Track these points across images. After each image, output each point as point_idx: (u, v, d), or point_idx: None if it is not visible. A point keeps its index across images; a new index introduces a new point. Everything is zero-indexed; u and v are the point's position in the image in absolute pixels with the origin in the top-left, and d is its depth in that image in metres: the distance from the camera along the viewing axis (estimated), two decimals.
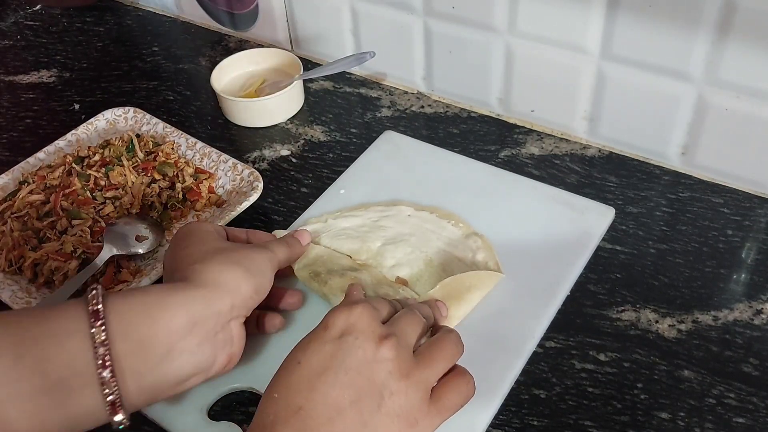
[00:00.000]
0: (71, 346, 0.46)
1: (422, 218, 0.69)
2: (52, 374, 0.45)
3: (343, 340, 0.46)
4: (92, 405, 0.46)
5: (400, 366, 0.47)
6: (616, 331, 0.62)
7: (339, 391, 0.45)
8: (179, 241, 0.58)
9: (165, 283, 0.56)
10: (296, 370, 0.46)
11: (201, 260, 0.54)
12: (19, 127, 0.90)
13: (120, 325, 0.47)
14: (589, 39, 0.72)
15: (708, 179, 0.74)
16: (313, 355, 0.46)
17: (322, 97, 0.90)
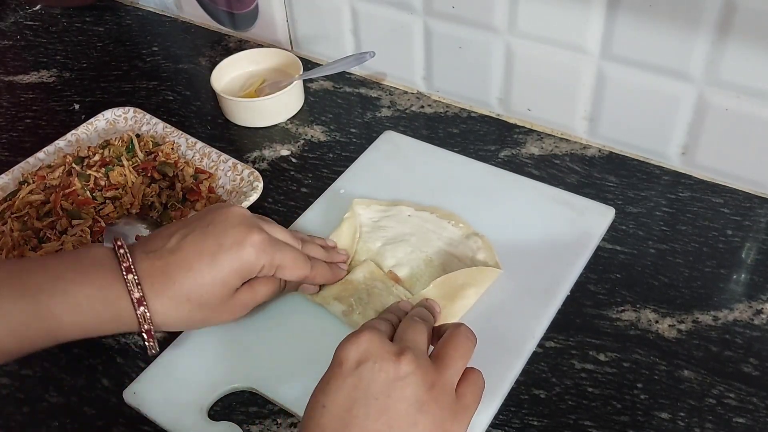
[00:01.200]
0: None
1: (422, 218, 0.69)
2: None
3: (361, 369, 0.46)
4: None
5: (425, 376, 0.46)
6: (616, 331, 0.62)
7: (374, 421, 0.44)
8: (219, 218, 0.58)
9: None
10: (324, 414, 0.45)
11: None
12: (19, 127, 0.90)
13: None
14: (589, 39, 0.72)
15: (708, 179, 0.74)
16: (336, 394, 0.45)
17: (322, 97, 0.90)
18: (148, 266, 0.54)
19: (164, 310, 0.54)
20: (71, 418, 0.60)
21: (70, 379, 0.63)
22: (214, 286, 0.55)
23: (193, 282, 0.55)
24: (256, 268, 0.57)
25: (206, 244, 0.55)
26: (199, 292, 0.55)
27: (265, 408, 0.59)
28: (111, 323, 0.54)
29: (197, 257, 0.55)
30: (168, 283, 0.54)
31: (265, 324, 0.64)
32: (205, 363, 0.61)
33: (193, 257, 0.55)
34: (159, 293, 0.54)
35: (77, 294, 0.52)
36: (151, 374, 0.61)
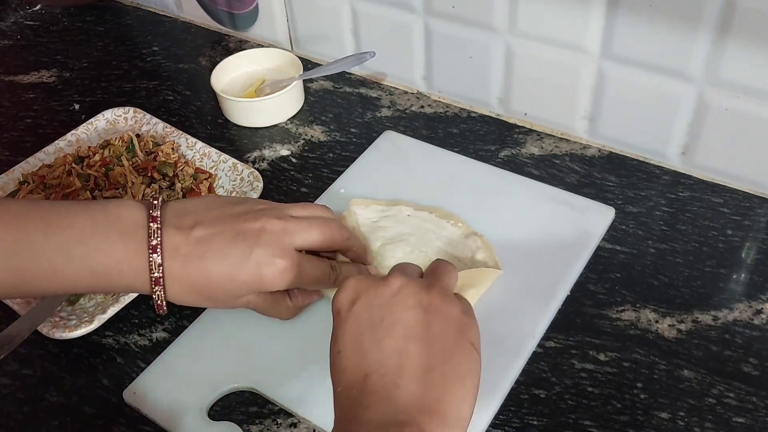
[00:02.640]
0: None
1: (422, 218, 0.69)
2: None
3: (356, 306, 0.47)
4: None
5: (419, 283, 0.47)
6: (615, 331, 0.62)
7: (387, 338, 0.45)
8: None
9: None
10: (342, 358, 0.46)
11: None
12: (19, 127, 0.90)
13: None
14: (589, 39, 0.72)
15: (708, 179, 0.74)
16: (345, 337, 0.46)
17: (322, 97, 0.90)
18: (172, 246, 0.55)
19: (175, 292, 0.56)
20: (71, 418, 0.60)
21: (70, 379, 0.63)
22: (225, 292, 0.56)
23: (207, 283, 0.55)
24: (274, 288, 0.57)
25: (230, 255, 0.55)
26: (209, 291, 0.56)
27: (265, 408, 0.59)
28: (127, 288, 0.56)
29: (217, 265, 0.55)
30: (184, 273, 0.55)
31: (265, 324, 0.64)
32: (205, 363, 0.61)
33: (213, 264, 0.55)
34: (175, 277, 0.55)
35: (95, 264, 0.54)
36: (151, 374, 0.61)
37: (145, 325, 0.66)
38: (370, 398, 0.43)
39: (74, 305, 0.66)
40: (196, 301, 0.57)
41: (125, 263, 0.54)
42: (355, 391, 0.44)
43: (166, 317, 0.66)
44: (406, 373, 0.43)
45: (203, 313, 0.65)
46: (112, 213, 0.55)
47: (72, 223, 0.54)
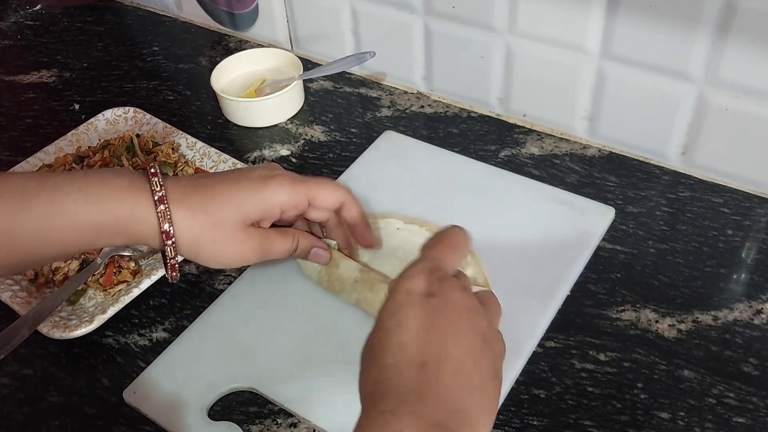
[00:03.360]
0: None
1: (412, 231, 0.68)
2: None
3: (435, 299, 0.47)
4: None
5: (483, 315, 0.48)
6: (616, 331, 0.62)
7: (453, 345, 0.45)
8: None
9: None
10: (402, 332, 0.45)
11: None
12: (19, 127, 0.90)
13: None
14: (589, 39, 0.72)
15: (708, 179, 0.74)
16: (410, 317, 0.46)
17: (322, 97, 0.90)
18: (174, 180, 0.57)
19: (181, 217, 0.55)
20: (71, 418, 0.60)
21: (70, 379, 0.63)
22: (232, 206, 0.57)
23: (213, 198, 0.56)
24: (276, 200, 0.58)
25: (232, 174, 0.59)
26: (216, 207, 0.56)
27: (265, 408, 0.59)
28: (127, 223, 0.55)
29: (220, 181, 0.58)
30: (189, 194, 0.56)
31: (264, 324, 0.64)
32: (205, 363, 0.61)
33: (216, 182, 0.58)
34: (179, 200, 0.55)
35: (91, 192, 0.54)
36: (151, 374, 0.61)
37: (145, 325, 0.66)
38: (424, 389, 0.43)
39: (74, 305, 0.66)
40: (202, 229, 0.56)
41: (127, 191, 0.54)
42: (409, 373, 0.44)
43: (166, 317, 0.66)
44: (459, 381, 0.44)
45: (203, 313, 0.65)
46: (110, 170, 0.58)
47: (80, 183, 0.55)
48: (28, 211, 0.52)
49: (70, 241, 0.54)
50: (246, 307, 0.65)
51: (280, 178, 0.59)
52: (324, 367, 0.60)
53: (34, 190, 0.52)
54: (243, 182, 0.58)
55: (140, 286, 0.65)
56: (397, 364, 0.44)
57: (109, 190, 0.54)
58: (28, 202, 0.52)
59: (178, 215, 0.55)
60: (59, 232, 0.53)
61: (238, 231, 0.57)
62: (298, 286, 0.66)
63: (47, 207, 0.52)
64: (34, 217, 0.52)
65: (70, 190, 0.53)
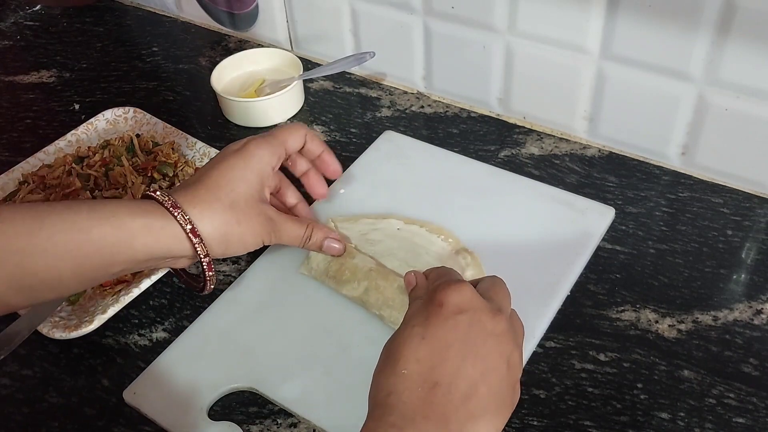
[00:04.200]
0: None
1: (412, 232, 0.69)
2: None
3: (462, 316, 0.47)
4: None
5: (511, 338, 0.48)
6: (615, 331, 0.62)
7: (470, 365, 0.45)
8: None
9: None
10: (422, 345, 0.46)
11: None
12: (19, 127, 0.90)
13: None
14: (589, 39, 0.72)
15: (708, 179, 0.74)
16: (436, 330, 0.47)
17: (322, 97, 0.90)
18: (175, 191, 0.57)
19: (198, 213, 0.56)
20: (71, 419, 0.60)
21: (70, 380, 0.63)
22: (235, 183, 0.58)
23: (217, 183, 0.58)
24: (264, 159, 0.60)
25: (214, 161, 0.60)
26: (223, 191, 0.57)
27: (265, 408, 0.59)
28: (144, 234, 0.54)
29: (210, 170, 0.59)
30: (194, 191, 0.57)
31: (264, 324, 0.64)
32: (205, 363, 0.61)
33: (206, 172, 0.59)
34: (189, 201, 0.56)
35: (104, 208, 0.54)
36: (151, 374, 0.61)
37: (145, 325, 0.66)
38: (430, 409, 0.44)
39: (74, 305, 0.66)
40: (222, 216, 0.57)
41: (139, 208, 0.55)
42: (420, 390, 0.44)
43: (166, 317, 0.66)
44: (468, 405, 0.44)
45: (203, 313, 0.65)
46: (121, 204, 0.57)
47: (92, 206, 0.55)
48: (41, 229, 0.51)
49: (85, 259, 0.53)
50: (246, 307, 0.65)
51: (253, 141, 0.61)
52: (324, 367, 0.60)
53: (46, 211, 0.53)
54: (229, 161, 0.59)
55: (140, 286, 0.65)
56: (411, 377, 0.45)
57: (119, 207, 0.54)
58: (41, 221, 0.52)
59: (194, 212, 0.56)
60: (73, 249, 0.52)
61: (253, 206, 0.59)
62: (298, 287, 0.66)
63: (59, 224, 0.52)
64: (47, 235, 0.51)
65: (80, 209, 0.53)
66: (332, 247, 0.64)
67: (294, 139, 0.64)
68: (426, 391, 0.44)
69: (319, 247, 0.64)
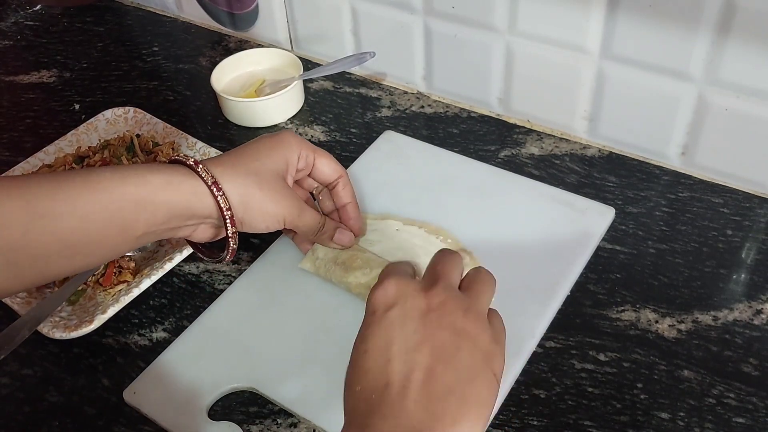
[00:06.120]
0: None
1: (411, 233, 0.69)
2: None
3: (392, 312, 0.47)
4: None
5: (456, 303, 0.47)
6: (615, 331, 0.62)
7: (415, 352, 0.45)
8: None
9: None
10: (367, 358, 0.46)
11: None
12: (19, 127, 0.90)
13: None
14: (589, 39, 0.72)
15: (708, 179, 0.74)
16: (375, 338, 0.46)
17: (322, 97, 0.90)
18: (210, 160, 0.57)
19: (220, 174, 0.56)
20: (71, 418, 0.60)
21: (70, 379, 0.63)
22: (260, 155, 0.59)
23: (244, 156, 0.58)
24: (293, 148, 0.61)
25: (245, 145, 0.60)
26: (253, 157, 0.58)
27: (265, 408, 0.59)
28: (164, 191, 0.54)
29: (240, 149, 0.60)
30: (219, 160, 0.57)
31: (264, 324, 0.64)
32: (205, 363, 0.61)
33: (237, 150, 0.59)
34: (216, 165, 0.56)
35: (124, 170, 0.53)
36: (151, 374, 0.61)
37: (145, 325, 0.66)
38: (387, 408, 0.43)
39: (74, 305, 0.66)
40: (246, 182, 0.57)
41: (159, 166, 0.55)
42: (374, 396, 0.44)
43: (166, 317, 0.66)
44: (428, 390, 0.43)
45: (203, 313, 0.65)
46: (145, 165, 0.57)
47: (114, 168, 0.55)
48: (62, 190, 0.50)
49: (108, 220, 0.51)
50: (246, 307, 0.65)
51: (287, 131, 0.62)
52: (324, 367, 0.60)
53: (65, 175, 0.52)
54: (260, 143, 0.60)
55: (140, 286, 0.65)
56: (364, 390, 0.45)
57: (141, 166, 0.54)
58: (61, 183, 0.51)
59: (217, 171, 0.56)
60: (97, 209, 0.51)
61: (276, 180, 0.59)
62: (298, 287, 0.66)
63: (81, 185, 0.51)
64: (69, 196, 0.50)
65: (103, 170, 0.53)
66: (343, 235, 0.65)
67: (327, 164, 0.64)
68: (380, 394, 0.44)
69: (330, 237, 0.64)
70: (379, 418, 0.43)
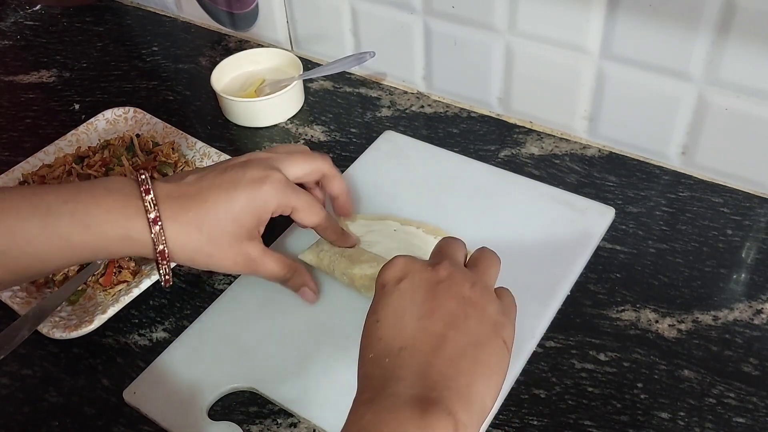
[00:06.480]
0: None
1: (409, 233, 0.69)
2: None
3: (402, 284, 0.48)
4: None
5: (464, 277, 0.48)
6: (616, 331, 0.62)
7: (426, 318, 0.46)
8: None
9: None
10: (379, 327, 0.47)
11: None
12: (19, 127, 0.90)
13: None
14: (589, 39, 0.72)
15: (708, 179, 0.74)
16: (386, 308, 0.47)
17: (322, 97, 0.90)
18: (166, 192, 0.56)
19: (176, 235, 0.56)
20: (71, 418, 0.60)
21: (70, 379, 0.63)
22: (226, 221, 0.57)
23: (207, 213, 0.56)
24: (270, 207, 0.58)
25: (224, 181, 0.57)
26: (211, 224, 0.56)
27: (265, 408, 0.59)
28: (120, 244, 0.55)
29: (214, 191, 0.57)
30: (183, 210, 0.56)
31: (264, 324, 0.64)
32: (205, 363, 0.61)
33: (209, 191, 0.57)
34: (173, 218, 0.56)
35: (85, 215, 0.54)
36: (151, 374, 0.61)
37: (145, 325, 0.66)
38: (402, 371, 0.44)
39: (74, 305, 0.66)
40: (197, 244, 0.56)
41: (116, 210, 0.55)
42: (388, 360, 0.45)
43: (166, 317, 0.66)
44: (440, 353, 0.44)
45: (203, 313, 0.65)
46: (98, 180, 0.58)
47: (57, 189, 0.56)
48: (23, 231, 0.53)
49: (65, 260, 0.56)
50: (246, 307, 0.65)
51: (272, 182, 0.58)
52: (324, 367, 0.60)
53: (27, 212, 0.53)
54: (237, 189, 0.57)
55: (140, 286, 0.65)
56: (377, 356, 0.45)
57: (101, 212, 0.54)
58: (22, 223, 0.53)
59: (172, 233, 0.55)
60: (55, 253, 0.54)
61: (235, 245, 0.58)
62: None
63: (41, 231, 0.53)
64: (28, 240, 0.53)
65: (62, 213, 0.54)
66: (306, 293, 0.64)
67: (307, 214, 0.61)
68: (394, 357, 0.45)
69: (295, 290, 0.64)
70: (394, 380, 0.43)
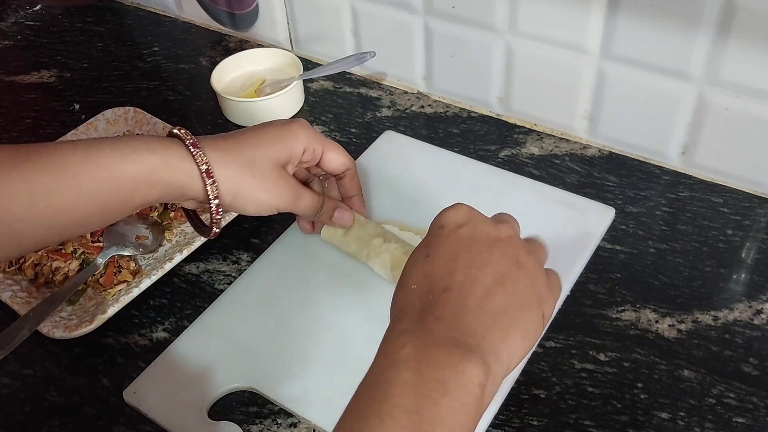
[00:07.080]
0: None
1: (408, 239, 0.69)
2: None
3: (463, 230, 0.48)
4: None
5: (521, 243, 0.49)
6: (616, 331, 0.62)
7: (478, 270, 0.46)
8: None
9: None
10: (428, 262, 0.47)
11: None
12: (19, 127, 0.90)
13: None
14: (590, 39, 0.72)
15: (708, 179, 0.74)
16: (440, 247, 0.48)
17: (322, 97, 0.90)
18: (202, 137, 0.58)
19: (216, 158, 0.57)
20: (72, 418, 0.60)
21: (70, 379, 0.63)
22: (262, 146, 0.59)
23: (244, 140, 0.59)
24: (300, 140, 0.61)
25: (254, 127, 0.62)
26: (248, 148, 0.59)
27: (265, 408, 0.59)
28: (164, 173, 0.56)
29: (245, 131, 0.61)
30: (220, 141, 0.58)
31: (264, 324, 0.64)
32: (205, 363, 0.61)
33: (242, 132, 0.61)
34: (213, 147, 0.57)
35: (126, 146, 0.55)
36: (151, 374, 0.61)
37: (145, 325, 0.66)
38: (443, 311, 0.44)
39: (74, 305, 0.66)
40: (240, 171, 0.58)
41: (162, 146, 0.56)
42: (431, 297, 0.45)
43: (166, 317, 0.66)
44: (484, 305, 0.45)
45: (203, 313, 0.65)
46: (138, 137, 0.58)
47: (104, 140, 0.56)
48: (66, 166, 0.53)
49: (107, 197, 0.54)
50: (246, 307, 0.65)
51: (299, 122, 0.62)
52: (324, 367, 0.60)
53: (65, 151, 0.53)
54: (267, 128, 0.61)
55: (140, 286, 0.65)
56: (420, 290, 0.46)
57: (140, 143, 0.55)
58: (66, 159, 0.53)
59: (213, 156, 0.57)
60: (97, 186, 0.53)
61: (273, 169, 0.60)
62: (298, 287, 0.66)
63: (84, 162, 0.53)
64: (73, 173, 0.53)
65: (103, 146, 0.54)
66: (342, 215, 0.65)
67: (336, 156, 0.65)
68: (437, 295, 0.45)
69: (329, 216, 0.65)
70: (434, 318, 0.44)
